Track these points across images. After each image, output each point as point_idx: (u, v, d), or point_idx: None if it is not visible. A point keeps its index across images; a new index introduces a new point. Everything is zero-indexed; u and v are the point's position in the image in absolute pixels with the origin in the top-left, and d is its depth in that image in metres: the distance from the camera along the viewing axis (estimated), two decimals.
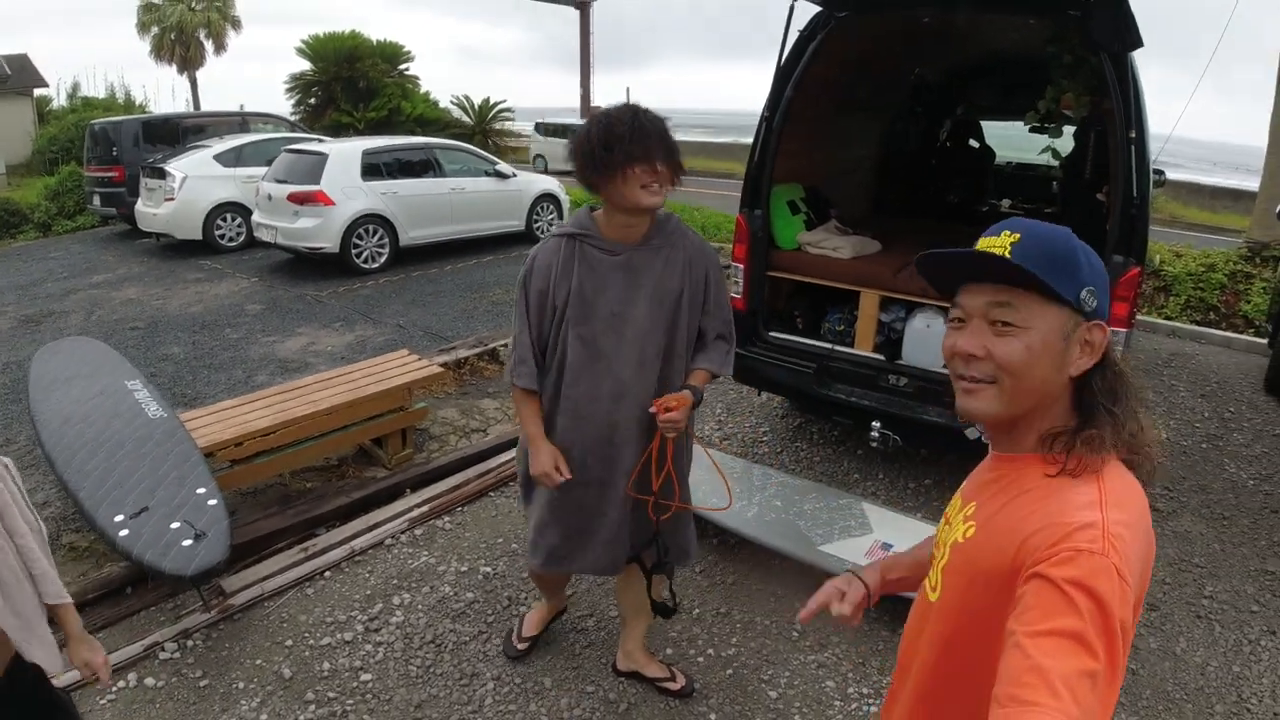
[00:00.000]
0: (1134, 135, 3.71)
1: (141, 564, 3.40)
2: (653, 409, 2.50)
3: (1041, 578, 1.03)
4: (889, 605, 3.64)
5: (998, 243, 1.19)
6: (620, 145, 2.33)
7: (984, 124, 8.56)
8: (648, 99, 2.66)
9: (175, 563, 3.33)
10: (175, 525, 3.52)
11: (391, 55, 26.80)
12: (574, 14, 35.21)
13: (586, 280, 2.52)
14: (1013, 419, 1.21)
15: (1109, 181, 4.19)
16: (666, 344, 2.63)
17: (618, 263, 2.54)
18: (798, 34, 4.56)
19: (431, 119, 25.66)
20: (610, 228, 2.55)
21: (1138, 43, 3.66)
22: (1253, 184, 12.46)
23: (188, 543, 3.42)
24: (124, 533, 3.48)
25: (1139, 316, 8.56)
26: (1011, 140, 8.41)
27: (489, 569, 3.93)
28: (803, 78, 4.55)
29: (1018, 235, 1.18)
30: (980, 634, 1.13)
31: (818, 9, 4.53)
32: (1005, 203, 8.56)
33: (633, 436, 2.65)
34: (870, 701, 3.18)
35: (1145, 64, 4.31)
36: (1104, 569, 1.01)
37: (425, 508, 4.40)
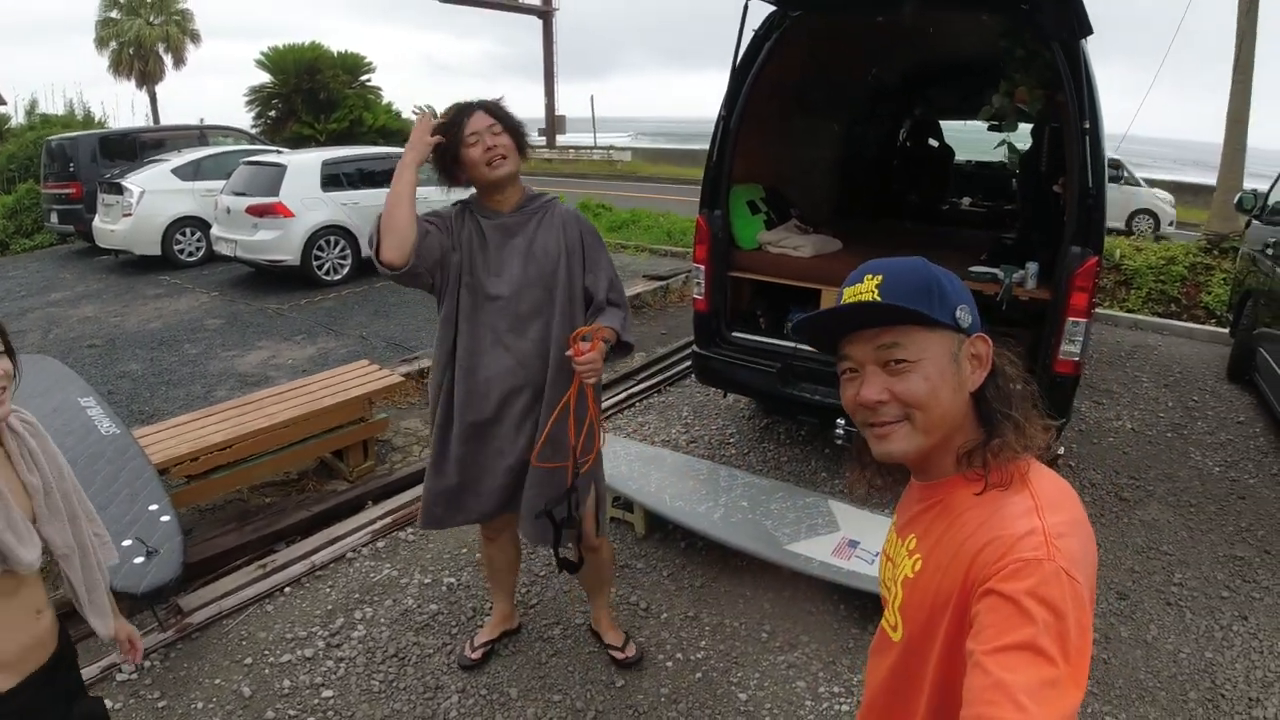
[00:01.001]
0: (1088, 126, 3.73)
1: None
2: (569, 352, 2.58)
3: (994, 593, 1.04)
4: (857, 602, 3.63)
5: (864, 289, 1.20)
6: (453, 134, 2.62)
7: (944, 124, 8.63)
8: (613, 107, 2.75)
9: (126, 581, 3.24)
10: (126, 543, 3.42)
11: (353, 66, 26.60)
12: (538, 24, 35.22)
13: (475, 238, 2.72)
14: (931, 449, 1.22)
15: (1065, 174, 4.21)
16: (544, 300, 2.75)
17: (494, 224, 2.73)
18: (753, 34, 4.56)
19: (395, 129, 25.43)
20: (487, 199, 2.75)
21: (1087, 30, 3.68)
22: (1212, 179, 12.65)
23: (139, 560, 3.33)
24: None
25: (1102, 310, 8.66)
26: (972, 139, 8.48)
27: (452, 579, 3.87)
28: (759, 77, 4.55)
29: (880, 276, 1.20)
30: (958, 663, 1.12)
31: (772, 9, 4.53)
32: (965, 200, 8.63)
33: (512, 394, 2.77)
34: (842, 700, 3.15)
35: (1108, 64, 4.35)
36: (1053, 574, 1.02)
37: (388, 519, 4.33)
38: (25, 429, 1.90)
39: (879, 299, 1.18)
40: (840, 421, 4.27)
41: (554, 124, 35.14)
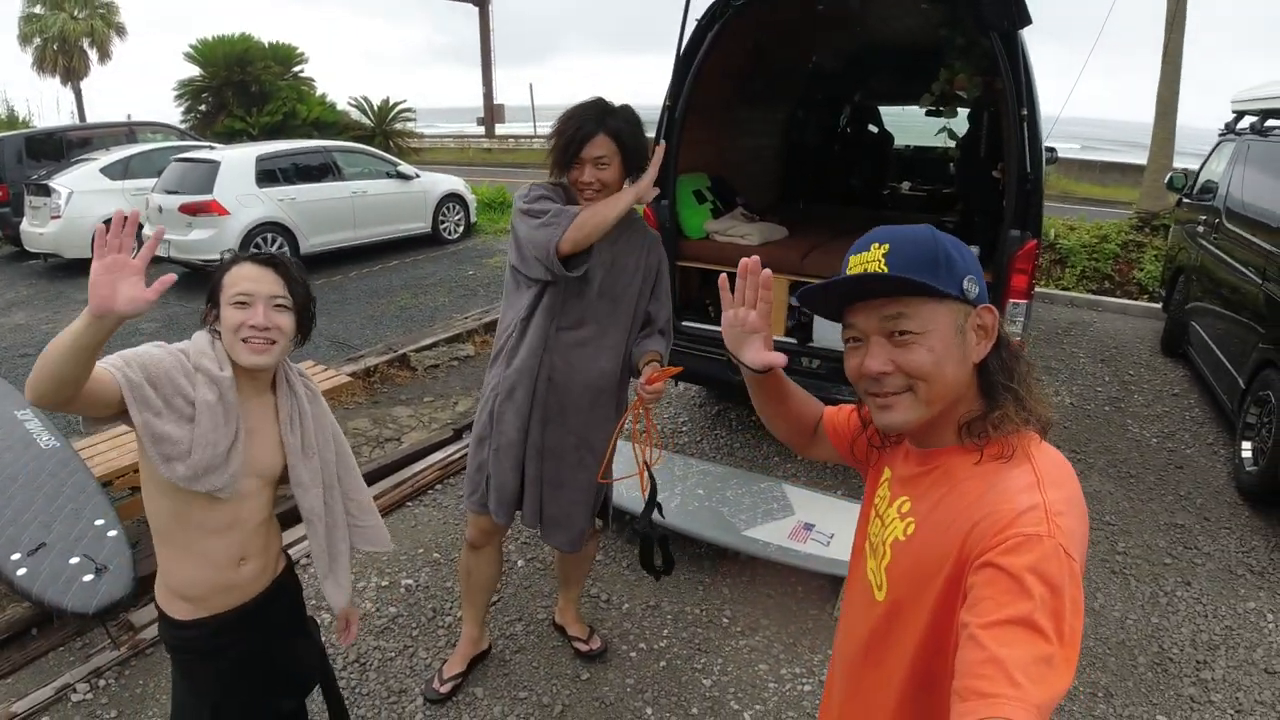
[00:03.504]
0: (1025, 113, 3.81)
1: (43, 603, 3.22)
2: (643, 379, 2.57)
3: (991, 566, 1.03)
4: (815, 583, 3.68)
5: (870, 257, 1.20)
6: (573, 140, 2.52)
7: (883, 110, 8.74)
8: (552, 93, 2.70)
9: (77, 600, 3.16)
10: (74, 560, 3.34)
11: (285, 57, 26.03)
12: (474, 11, 34.84)
13: None
14: (933, 420, 1.22)
15: (1004, 159, 4.29)
16: (609, 312, 2.73)
17: None
18: (696, 23, 4.57)
19: (329, 122, 25.01)
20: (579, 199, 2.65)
21: (1026, 20, 3.75)
22: (1141, 158, 12.94)
23: (89, 578, 3.24)
24: (21, 571, 3.28)
25: (1038, 288, 8.85)
26: (910, 125, 8.59)
27: (410, 581, 3.84)
28: (703, 67, 4.56)
29: (887, 245, 1.19)
30: (945, 631, 1.13)
31: None
32: (905, 185, 8.75)
33: (573, 394, 2.76)
34: (804, 680, 3.20)
35: (1041, 45, 4.42)
36: (1052, 551, 1.01)
37: None
38: (305, 393, 2.05)
39: (886, 269, 1.17)
40: None
41: (492, 113, 34.86)
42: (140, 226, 1.61)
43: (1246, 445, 4.79)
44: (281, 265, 1.91)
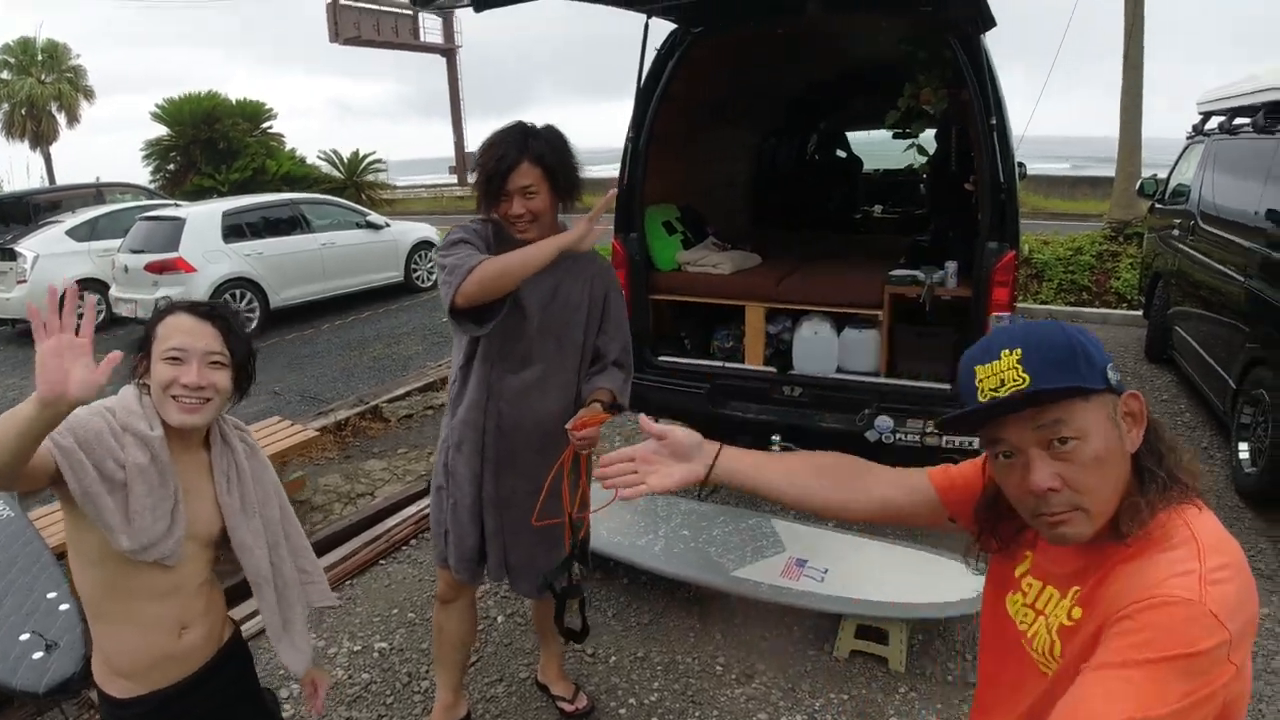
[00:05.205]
0: (994, 122, 3.73)
1: None
2: (568, 425, 2.38)
3: (1127, 619, 1.00)
4: (810, 622, 3.52)
5: (1002, 367, 1.11)
6: (496, 172, 2.36)
7: (852, 137, 8.74)
8: None
9: (26, 679, 2.94)
10: (24, 637, 3.13)
11: (253, 114, 26.08)
12: (443, 62, 35.07)
13: None
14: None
15: (975, 172, 4.21)
16: (555, 351, 2.57)
17: None
18: (655, 53, 4.49)
19: (299, 176, 24.94)
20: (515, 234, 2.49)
21: (990, 21, 3.69)
22: (1108, 171, 13.00)
23: (38, 655, 3.04)
24: None
25: (1016, 304, 8.81)
26: (879, 150, 8.59)
27: (384, 644, 3.64)
28: (665, 96, 4.46)
29: (1019, 350, 1.10)
30: None
31: (673, 26, 4.46)
32: (877, 209, 8.73)
33: (523, 439, 2.58)
34: None
35: (1005, 69, 4.36)
36: (1198, 614, 0.97)
37: None
38: (243, 449, 1.90)
39: (1028, 378, 1.08)
40: (775, 438, 4.19)
41: (464, 161, 34.97)
42: (81, 297, 1.49)
43: (1243, 446, 4.70)
44: (220, 318, 1.79)
